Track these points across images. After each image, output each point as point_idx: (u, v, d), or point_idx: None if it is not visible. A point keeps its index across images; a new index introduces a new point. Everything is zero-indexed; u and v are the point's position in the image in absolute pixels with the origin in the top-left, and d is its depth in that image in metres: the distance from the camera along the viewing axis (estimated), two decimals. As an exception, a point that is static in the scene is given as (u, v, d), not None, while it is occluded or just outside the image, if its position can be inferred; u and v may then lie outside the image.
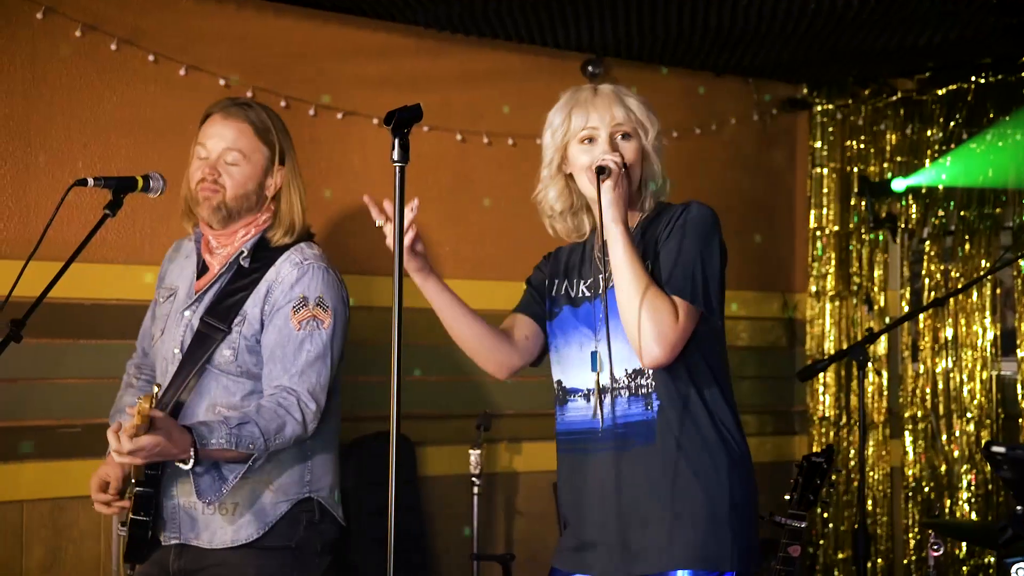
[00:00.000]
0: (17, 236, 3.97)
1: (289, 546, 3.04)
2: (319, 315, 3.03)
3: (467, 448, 4.61)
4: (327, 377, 3.04)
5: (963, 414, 5.32)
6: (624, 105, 2.70)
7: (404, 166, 2.33)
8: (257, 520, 3.01)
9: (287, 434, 2.93)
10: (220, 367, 3.02)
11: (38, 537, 3.99)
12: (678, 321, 2.53)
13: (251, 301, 3.04)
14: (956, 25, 4.69)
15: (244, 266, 3.08)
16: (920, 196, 5.50)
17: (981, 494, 5.24)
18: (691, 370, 2.63)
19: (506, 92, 5.00)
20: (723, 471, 2.62)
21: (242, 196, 3.07)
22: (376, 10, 4.56)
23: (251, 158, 3.08)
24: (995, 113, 5.22)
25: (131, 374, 3.34)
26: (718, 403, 2.65)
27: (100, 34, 4.12)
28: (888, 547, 5.58)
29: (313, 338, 3.02)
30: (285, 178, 3.14)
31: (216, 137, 3.08)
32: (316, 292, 3.05)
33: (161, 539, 3.06)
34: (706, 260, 2.60)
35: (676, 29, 4.78)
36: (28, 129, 4.04)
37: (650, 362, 2.56)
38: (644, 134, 2.71)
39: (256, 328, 3.03)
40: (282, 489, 3.04)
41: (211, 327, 3.03)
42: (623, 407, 2.65)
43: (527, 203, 5.02)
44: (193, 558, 3.04)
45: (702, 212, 2.66)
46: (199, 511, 3.01)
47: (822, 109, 5.78)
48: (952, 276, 5.39)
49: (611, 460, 2.65)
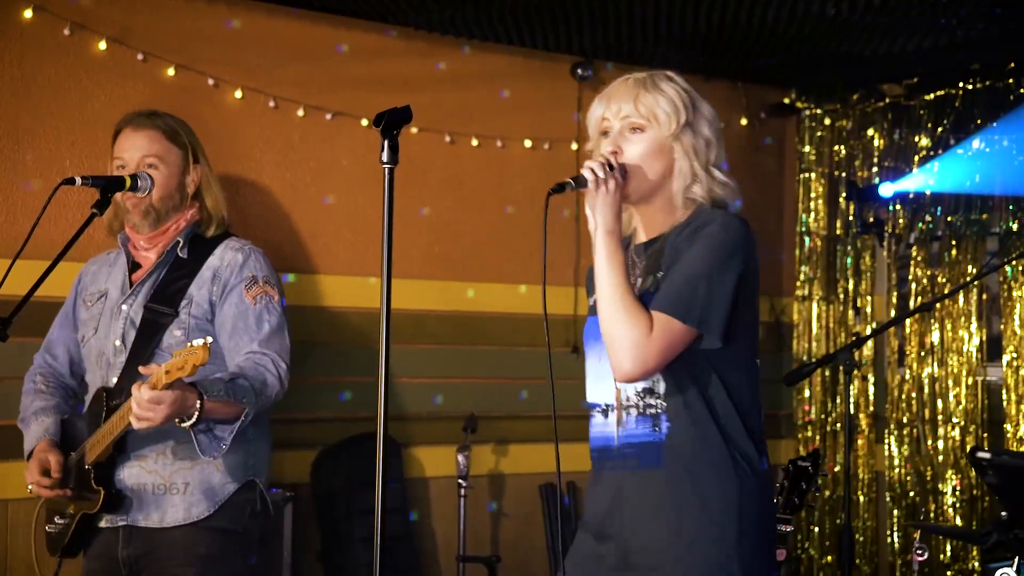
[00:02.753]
0: (4, 234, 3.97)
1: (237, 530, 3.20)
2: (269, 291, 3.25)
3: (454, 450, 4.61)
4: (288, 346, 3.24)
5: (948, 419, 5.34)
6: (639, 95, 2.53)
7: (393, 168, 2.33)
8: (207, 499, 3.16)
9: (270, 389, 3.12)
10: (170, 349, 3.14)
11: (23, 536, 3.97)
12: (651, 336, 2.39)
13: (195, 285, 3.22)
14: (945, 31, 4.71)
15: (182, 256, 3.26)
16: (907, 201, 5.51)
17: (966, 499, 5.26)
18: (704, 391, 2.47)
19: (496, 94, 5.00)
20: (732, 497, 2.46)
21: (166, 196, 3.25)
22: (366, 11, 4.55)
23: (167, 160, 3.27)
24: (983, 119, 5.23)
25: (37, 382, 3.45)
26: (734, 426, 2.48)
27: (89, 33, 4.11)
28: (873, 551, 5.59)
29: (270, 310, 3.22)
30: (204, 175, 3.34)
31: (131, 148, 3.26)
32: (262, 272, 3.27)
33: (103, 523, 3.17)
34: (713, 278, 2.43)
35: (666, 33, 4.79)
36: (16, 128, 4.03)
37: (620, 377, 2.45)
38: (661, 127, 2.52)
39: (205, 309, 3.21)
40: (229, 471, 3.18)
41: (157, 312, 3.19)
42: (631, 427, 2.51)
43: (517, 204, 5.05)
44: (143, 542, 3.15)
45: (727, 224, 2.49)
46: (148, 490, 3.14)
47: (811, 114, 5.79)
48: (939, 281, 5.41)
49: (624, 481, 2.52)
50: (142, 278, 3.25)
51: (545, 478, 4.99)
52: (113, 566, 3.18)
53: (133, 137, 3.26)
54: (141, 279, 3.25)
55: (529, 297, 5.01)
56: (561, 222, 4.91)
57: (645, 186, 2.54)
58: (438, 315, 4.88)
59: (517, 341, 4.99)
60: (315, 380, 4.48)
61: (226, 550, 3.18)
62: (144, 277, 3.25)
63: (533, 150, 5.04)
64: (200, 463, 3.13)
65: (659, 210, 2.58)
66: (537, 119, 5.08)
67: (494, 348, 5.00)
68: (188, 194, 3.30)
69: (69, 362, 3.44)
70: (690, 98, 2.56)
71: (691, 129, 2.55)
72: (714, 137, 2.58)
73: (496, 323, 4.99)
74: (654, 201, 2.57)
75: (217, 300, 3.21)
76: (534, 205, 5.18)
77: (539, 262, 2.76)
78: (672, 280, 2.45)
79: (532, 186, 4.99)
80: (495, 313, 4.97)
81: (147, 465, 3.14)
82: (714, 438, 2.47)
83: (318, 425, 4.51)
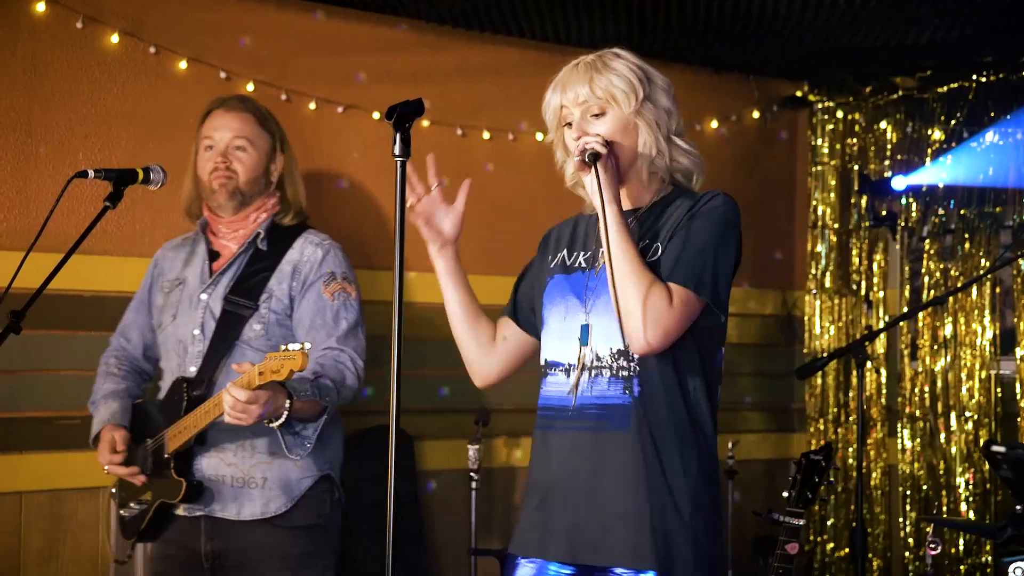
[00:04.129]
0: (17, 227, 3.97)
1: (319, 524, 3.24)
2: (347, 288, 3.29)
3: (465, 443, 4.61)
4: (363, 344, 3.27)
5: (961, 413, 5.33)
6: (593, 79, 2.54)
7: (405, 161, 2.33)
8: (285, 494, 3.18)
9: (348, 385, 3.17)
10: (250, 343, 3.19)
11: (37, 529, 3.99)
12: (672, 308, 2.40)
13: (275, 279, 3.24)
14: (957, 23, 4.69)
15: (262, 248, 3.28)
16: (920, 194, 5.49)
17: (979, 493, 5.25)
18: (680, 361, 2.47)
19: (507, 87, 5.00)
20: (692, 470, 2.46)
21: (253, 180, 3.29)
22: (378, 4, 4.55)
23: (256, 144, 3.31)
24: (996, 112, 5.21)
25: (111, 364, 3.48)
26: (700, 399, 2.49)
27: (101, 26, 4.12)
28: (885, 545, 5.58)
29: (347, 307, 3.26)
30: (287, 165, 3.37)
31: (222, 128, 3.29)
32: (341, 268, 3.31)
33: (180, 511, 3.19)
34: (720, 253, 2.46)
35: (677, 25, 4.78)
36: (29, 120, 4.03)
37: (639, 348, 2.42)
38: (620, 106, 2.53)
39: (285, 304, 3.23)
40: (306, 465, 3.20)
41: (238, 305, 3.22)
42: (601, 387, 2.49)
43: (526, 197, 5.04)
44: (225, 537, 3.17)
45: (727, 204, 2.52)
46: (227, 483, 3.17)
47: (823, 107, 5.78)
48: (952, 275, 5.40)
49: (582, 441, 2.49)
50: (222, 268, 3.28)
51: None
52: (189, 556, 3.21)
53: (224, 118, 3.31)
54: (221, 269, 3.28)
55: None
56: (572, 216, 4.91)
57: (624, 164, 2.56)
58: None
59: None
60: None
61: (315, 546, 3.22)
62: (224, 267, 3.28)
63: (545, 143, 5.03)
64: (279, 458, 3.17)
65: (632, 185, 2.60)
66: (549, 112, 5.07)
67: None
68: (272, 181, 3.34)
69: (143, 346, 3.48)
70: (643, 72, 2.59)
71: (650, 101, 2.57)
72: (672, 105, 2.61)
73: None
74: (627, 178, 2.59)
75: (296, 295, 3.24)
76: (545, 198, 5.18)
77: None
78: (679, 253, 2.46)
79: (544, 179, 4.97)
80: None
81: (226, 458, 3.17)
82: (680, 411, 2.47)
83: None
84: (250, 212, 3.30)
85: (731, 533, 5.16)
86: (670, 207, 2.55)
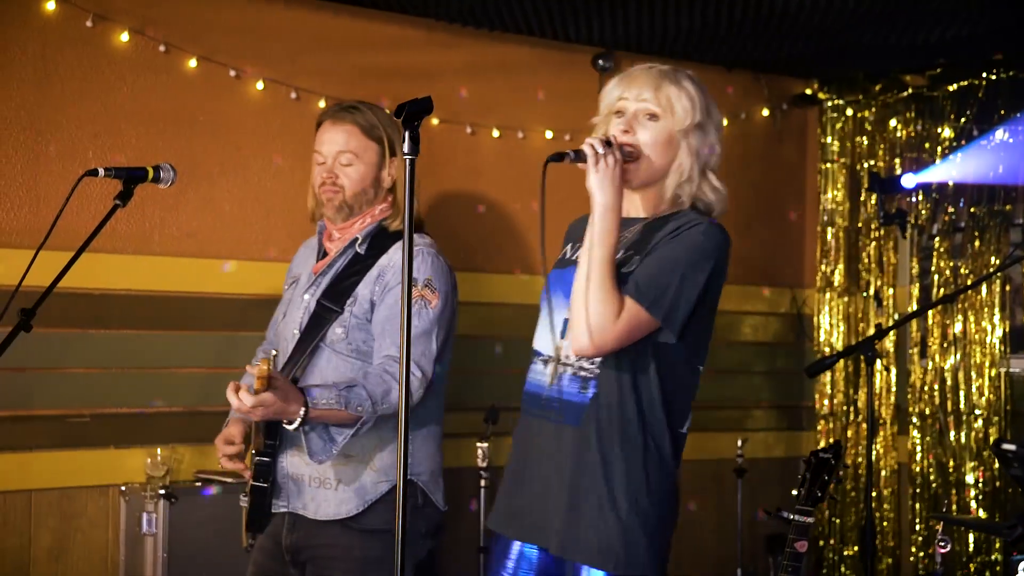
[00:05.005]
0: (28, 225, 3.98)
1: (392, 528, 3.12)
2: (427, 295, 3.23)
3: (475, 441, 4.62)
4: (433, 352, 3.20)
5: (971, 411, 5.31)
6: (661, 85, 2.60)
7: (415, 158, 2.33)
8: (357, 497, 3.17)
9: (393, 398, 3.07)
10: (332, 345, 3.20)
11: (46, 526, 4.00)
12: (617, 320, 2.48)
13: (363, 283, 3.23)
14: (967, 21, 4.68)
15: (360, 252, 3.28)
16: (930, 192, 5.48)
17: (988, 491, 5.24)
18: (637, 370, 2.56)
19: (516, 85, 5.00)
20: (635, 472, 2.55)
21: (360, 192, 3.29)
22: (387, 2, 4.55)
23: (363, 156, 3.29)
24: (1006, 109, 5.20)
25: (258, 355, 3.52)
26: (655, 415, 2.57)
27: (111, 24, 4.12)
28: (895, 543, 5.58)
29: (420, 315, 3.19)
30: (400, 169, 3.32)
31: (329, 143, 3.30)
32: (425, 275, 3.24)
33: (273, 507, 3.25)
34: (686, 277, 2.52)
35: (687, 23, 4.77)
36: (39, 119, 4.04)
37: (577, 349, 2.54)
38: (675, 120, 2.60)
39: (366, 308, 3.21)
40: (383, 470, 3.19)
41: (326, 308, 3.24)
42: (565, 384, 2.61)
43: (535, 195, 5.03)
44: (304, 534, 3.21)
45: (710, 231, 2.56)
46: (305, 481, 3.20)
47: (832, 104, 5.76)
48: (961, 273, 5.38)
49: (544, 430, 2.64)
50: (321, 270, 3.31)
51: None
52: (275, 547, 3.25)
53: (331, 131, 3.29)
54: (321, 271, 3.31)
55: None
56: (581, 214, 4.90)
57: (647, 173, 2.62)
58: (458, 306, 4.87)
59: (538, 332, 4.99)
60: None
61: (385, 550, 3.13)
62: (324, 269, 3.30)
63: (554, 141, 5.03)
64: (354, 461, 3.16)
65: (648, 198, 2.67)
66: (558, 110, 5.07)
67: (514, 338, 4.99)
68: (384, 188, 3.33)
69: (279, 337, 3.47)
70: (706, 101, 2.66)
71: (701, 130, 2.63)
72: (718, 143, 2.67)
73: (515, 314, 4.99)
74: (647, 189, 2.65)
75: (377, 300, 3.22)
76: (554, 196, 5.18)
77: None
78: (647, 269, 2.53)
79: (553, 177, 4.97)
80: (516, 304, 4.97)
81: (304, 457, 3.16)
82: (632, 418, 2.56)
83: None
84: (357, 220, 3.31)
85: (741, 531, 5.16)
86: (668, 223, 2.61)
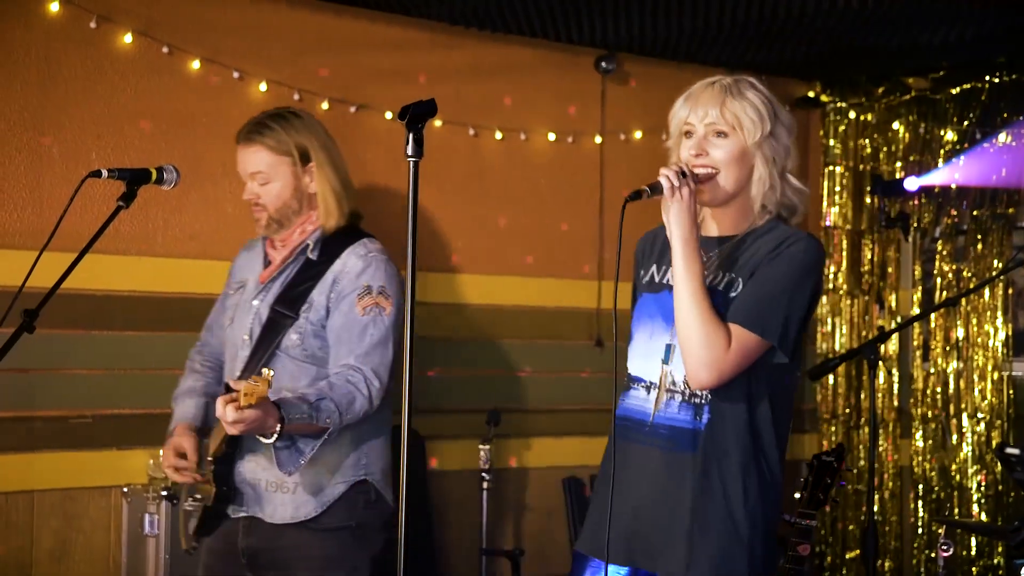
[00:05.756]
0: (30, 226, 3.98)
1: (349, 525, 3.24)
2: (381, 303, 3.23)
3: (477, 443, 4.61)
4: (389, 361, 3.22)
5: (974, 414, 5.31)
6: (725, 102, 2.59)
7: (418, 161, 2.33)
8: (315, 499, 3.20)
9: (356, 408, 3.12)
10: (288, 351, 3.22)
11: (48, 527, 4.00)
12: (729, 350, 2.49)
13: (318, 289, 3.24)
14: (970, 24, 4.68)
15: (312, 258, 3.28)
16: (933, 195, 5.48)
17: (991, 495, 5.23)
18: (751, 396, 2.58)
19: (519, 87, 5.00)
20: (752, 496, 2.57)
21: (283, 207, 3.29)
22: (390, 4, 4.55)
23: (276, 174, 3.29)
24: (1009, 113, 5.20)
25: (195, 359, 3.53)
26: (767, 434, 2.60)
27: (115, 25, 4.13)
28: (897, 546, 5.57)
29: (376, 323, 3.20)
30: (319, 173, 3.32)
31: (242, 164, 3.32)
32: (379, 282, 3.24)
33: (229, 512, 3.26)
34: (793, 297, 2.54)
35: (690, 25, 4.77)
36: (42, 120, 4.04)
37: (696, 385, 2.55)
38: (746, 134, 2.58)
39: (322, 314, 3.23)
40: (339, 471, 3.22)
41: (280, 314, 3.24)
42: (674, 411, 2.60)
43: (539, 197, 5.04)
44: (261, 535, 3.23)
45: (809, 247, 2.58)
46: (263, 487, 3.22)
47: (835, 107, 5.76)
48: (964, 276, 5.38)
49: (653, 457, 2.61)
50: (271, 276, 3.31)
51: (568, 472, 4.99)
52: (230, 550, 3.27)
53: (243, 153, 3.31)
54: (270, 277, 3.31)
55: (552, 290, 5.01)
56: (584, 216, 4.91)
57: (724, 191, 2.61)
58: (461, 308, 4.88)
59: (541, 334, 4.99)
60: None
61: (343, 548, 3.23)
62: (274, 275, 3.30)
63: (557, 143, 5.03)
64: (311, 466, 3.16)
65: (734, 212, 2.66)
66: (561, 112, 5.08)
67: (517, 341, 5.00)
68: (310, 195, 3.31)
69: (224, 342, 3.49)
70: (772, 107, 2.64)
71: (772, 136, 2.62)
72: (791, 143, 2.67)
73: (519, 316, 4.99)
74: (731, 204, 2.64)
75: (332, 306, 3.23)
76: (557, 198, 5.18)
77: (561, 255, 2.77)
78: (753, 294, 2.54)
79: (556, 179, 4.99)
80: (518, 306, 4.97)
81: (261, 462, 3.21)
82: (746, 440, 2.57)
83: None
84: (294, 229, 3.31)
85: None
86: (759, 241, 2.61)
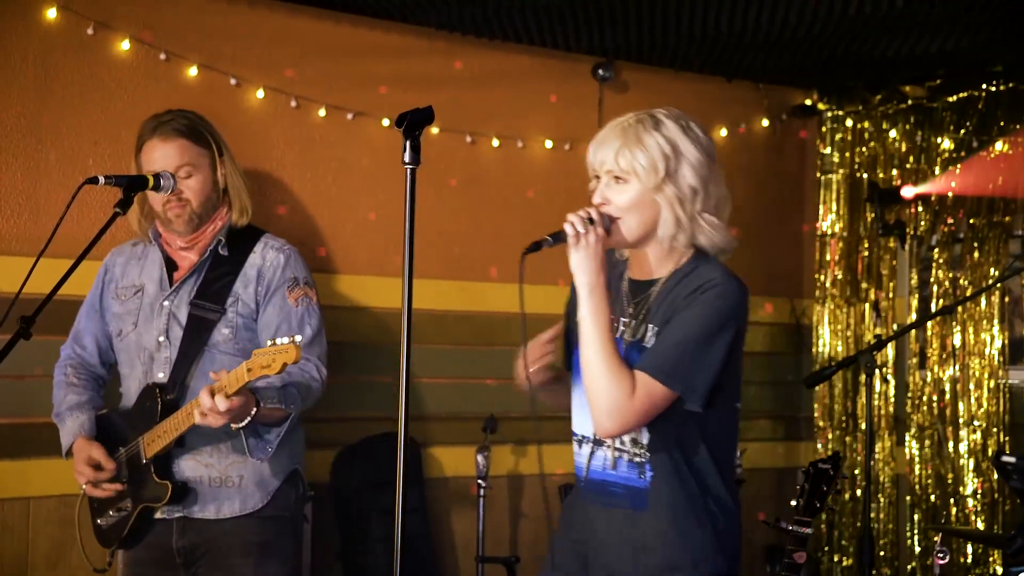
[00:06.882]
0: (27, 233, 3.98)
1: (285, 515, 3.34)
2: (309, 293, 3.36)
3: (473, 450, 4.61)
4: (326, 348, 3.36)
5: (970, 422, 5.31)
6: (620, 149, 2.52)
7: (415, 168, 2.33)
8: (260, 491, 3.29)
9: (313, 393, 3.25)
10: (218, 347, 3.25)
11: (45, 534, 4.00)
12: (634, 397, 2.43)
13: (240, 283, 3.29)
14: (967, 33, 4.69)
15: (223, 253, 3.32)
16: (929, 203, 5.49)
17: (987, 502, 5.23)
18: (684, 446, 2.54)
19: (517, 94, 5.00)
20: (709, 536, 2.55)
21: (205, 200, 3.30)
22: (388, 11, 4.56)
23: (199, 165, 3.29)
24: (1005, 121, 5.21)
25: (69, 374, 3.46)
26: (711, 478, 2.56)
27: (112, 32, 4.13)
28: (893, 554, 5.57)
29: (310, 313, 3.33)
30: (228, 168, 3.37)
31: (162, 159, 3.25)
32: (302, 273, 3.37)
33: (159, 514, 3.26)
34: (704, 344, 2.46)
35: (687, 33, 4.78)
36: (39, 126, 4.04)
37: (602, 433, 2.53)
38: (641, 181, 2.51)
39: (251, 308, 3.29)
40: (278, 462, 3.30)
41: (205, 309, 3.26)
42: (624, 470, 2.58)
43: (536, 205, 5.04)
44: (197, 532, 3.25)
45: (726, 291, 2.49)
46: (205, 484, 3.24)
47: (832, 115, 5.77)
48: (960, 284, 5.38)
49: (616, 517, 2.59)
50: (184, 276, 3.30)
51: (564, 479, 4.98)
52: (163, 555, 3.27)
53: (163, 148, 3.25)
54: (183, 278, 3.31)
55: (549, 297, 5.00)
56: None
57: (632, 235, 2.56)
58: (457, 315, 4.88)
59: (537, 342, 4.99)
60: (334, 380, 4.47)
61: (279, 535, 3.32)
62: (187, 275, 3.30)
63: (554, 150, 5.03)
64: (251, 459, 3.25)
65: (653, 254, 2.61)
66: (558, 119, 5.08)
67: (513, 348, 4.99)
68: (222, 189, 3.35)
69: (98, 352, 3.49)
70: (672, 147, 2.53)
71: (672, 181, 2.52)
72: (699, 184, 2.55)
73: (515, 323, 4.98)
74: (646, 247, 2.60)
75: (261, 301, 3.30)
76: (554, 205, 5.18)
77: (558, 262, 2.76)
78: (663, 342, 2.49)
79: (553, 186, 4.99)
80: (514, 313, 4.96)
81: (203, 459, 3.24)
82: (693, 490, 2.55)
83: (338, 424, 4.51)
84: (208, 226, 3.32)
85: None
86: (679, 285, 2.55)
